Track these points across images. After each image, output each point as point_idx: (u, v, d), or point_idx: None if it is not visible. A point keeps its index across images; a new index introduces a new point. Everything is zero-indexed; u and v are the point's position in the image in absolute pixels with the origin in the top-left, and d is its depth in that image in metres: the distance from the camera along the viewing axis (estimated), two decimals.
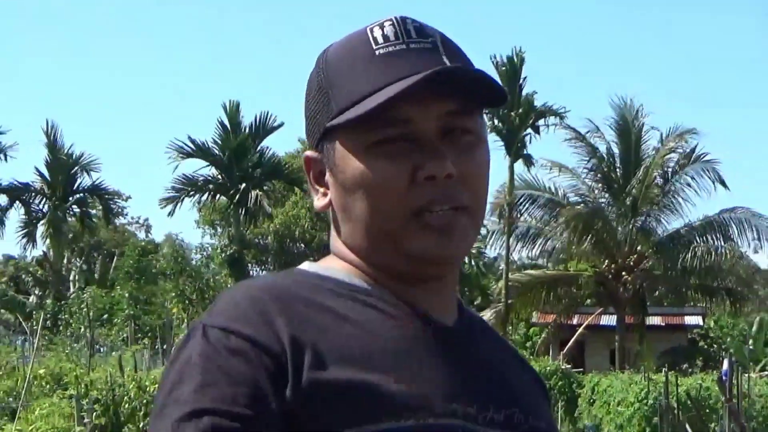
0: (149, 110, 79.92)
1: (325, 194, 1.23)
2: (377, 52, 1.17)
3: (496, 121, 28.63)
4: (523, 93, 29.09)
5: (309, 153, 1.25)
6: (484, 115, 1.27)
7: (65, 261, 41.28)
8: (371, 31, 1.19)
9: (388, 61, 1.17)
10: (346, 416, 1.08)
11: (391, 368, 1.11)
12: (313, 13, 79.35)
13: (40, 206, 39.67)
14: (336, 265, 1.23)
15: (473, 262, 38.61)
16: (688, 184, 29.32)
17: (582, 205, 29.64)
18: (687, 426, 10.50)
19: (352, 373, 1.10)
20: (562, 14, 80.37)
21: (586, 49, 79.83)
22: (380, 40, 1.18)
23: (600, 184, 30.12)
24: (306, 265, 1.26)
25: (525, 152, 29.76)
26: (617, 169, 29.80)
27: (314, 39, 74.48)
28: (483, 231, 29.16)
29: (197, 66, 79.42)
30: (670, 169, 29.53)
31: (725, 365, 8.93)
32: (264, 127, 37.27)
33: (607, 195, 30.13)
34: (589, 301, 31.40)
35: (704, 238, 29.73)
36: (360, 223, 1.20)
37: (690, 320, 32.75)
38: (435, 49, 1.18)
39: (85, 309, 27.84)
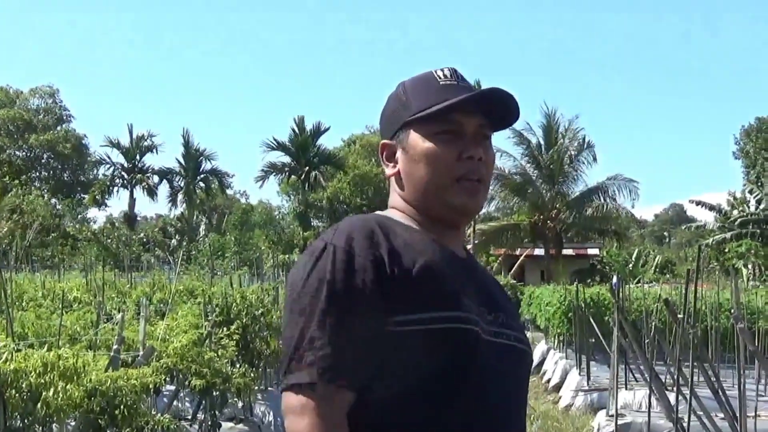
0: (248, 114, 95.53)
1: (393, 167, 1.56)
2: (440, 83, 1.56)
3: None
4: None
5: (385, 141, 1.59)
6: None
7: (195, 217, 47.77)
8: (436, 72, 1.58)
9: (447, 89, 1.54)
10: (419, 302, 1.38)
11: (446, 277, 1.39)
12: (352, 54, 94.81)
13: (179, 182, 46.96)
14: (395, 214, 1.56)
15: None
16: (582, 162, 36.10)
17: (518, 176, 36.12)
18: (590, 318, 11.36)
19: (427, 275, 1.38)
20: (511, 50, 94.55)
21: (525, 74, 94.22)
22: (442, 77, 1.57)
23: (530, 164, 36.36)
24: (378, 212, 1.58)
25: None
26: (543, 154, 36.06)
27: (348, 74, 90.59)
28: None
29: (280, 82, 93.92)
30: (573, 152, 36.01)
31: (615, 280, 7.99)
32: (318, 131, 44.09)
33: (536, 171, 36.26)
34: (526, 239, 36.96)
35: (597, 196, 36.32)
36: (420, 183, 1.51)
37: (591, 251, 38.98)
38: (473, 89, 1.56)
39: (207, 248, 32.47)
